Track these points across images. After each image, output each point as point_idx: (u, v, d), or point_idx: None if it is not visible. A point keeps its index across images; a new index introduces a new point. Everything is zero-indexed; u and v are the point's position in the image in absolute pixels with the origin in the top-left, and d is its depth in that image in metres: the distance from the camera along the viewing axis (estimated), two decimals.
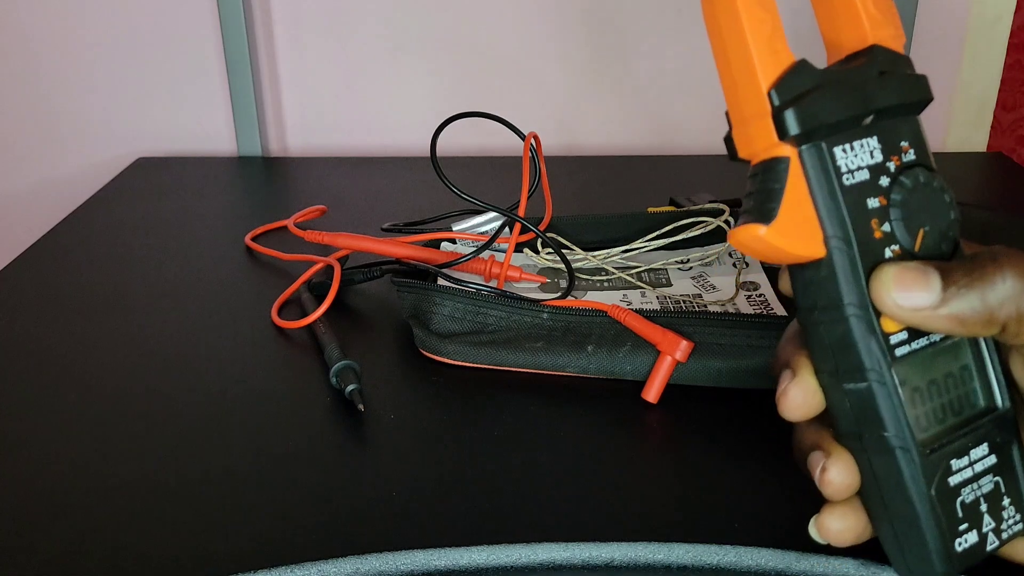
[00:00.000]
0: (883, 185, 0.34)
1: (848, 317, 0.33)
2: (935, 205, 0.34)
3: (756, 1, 0.31)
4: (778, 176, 0.32)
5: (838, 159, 0.33)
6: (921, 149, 0.35)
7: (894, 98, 0.33)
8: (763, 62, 0.32)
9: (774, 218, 0.32)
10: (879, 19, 0.34)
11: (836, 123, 0.32)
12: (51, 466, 0.51)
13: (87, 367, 0.61)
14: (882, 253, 0.34)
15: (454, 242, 0.72)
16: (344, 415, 0.55)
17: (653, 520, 0.46)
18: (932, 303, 0.32)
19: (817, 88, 0.32)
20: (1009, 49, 1.02)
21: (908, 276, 0.33)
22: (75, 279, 0.75)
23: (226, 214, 0.89)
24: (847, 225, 0.33)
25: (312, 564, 0.43)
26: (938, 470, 0.34)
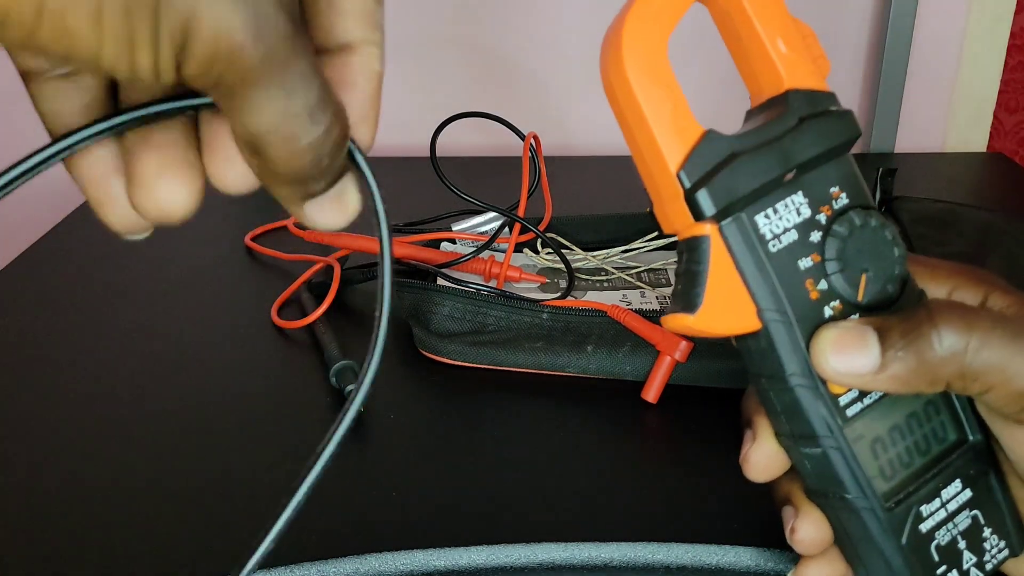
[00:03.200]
0: (814, 241, 0.32)
1: (793, 387, 0.32)
2: (875, 246, 0.32)
3: (653, 80, 0.30)
4: (700, 256, 0.31)
5: (761, 227, 0.31)
6: (854, 189, 0.33)
7: (815, 148, 0.32)
8: (668, 144, 0.30)
9: (699, 305, 0.31)
10: (792, 59, 0.32)
11: (754, 191, 0.31)
12: (50, 466, 0.51)
13: (87, 367, 0.61)
14: (821, 314, 0.32)
15: (454, 242, 0.72)
16: None
17: (652, 520, 0.46)
18: (872, 368, 0.31)
19: (729, 160, 0.31)
20: (1011, 50, 1.02)
21: (846, 341, 0.31)
22: (75, 279, 0.75)
23: (226, 214, 0.89)
24: (779, 295, 0.31)
25: (311, 564, 0.43)
26: (907, 520, 0.33)
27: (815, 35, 0.33)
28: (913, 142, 1.07)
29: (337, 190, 0.26)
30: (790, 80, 0.32)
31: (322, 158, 0.24)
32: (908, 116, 1.05)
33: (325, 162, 0.24)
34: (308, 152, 0.24)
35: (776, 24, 0.32)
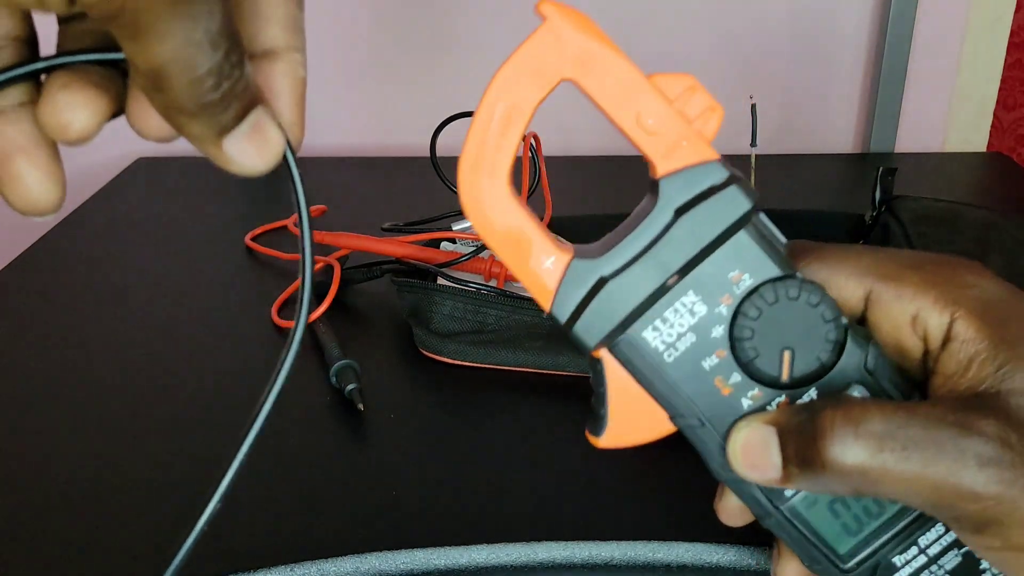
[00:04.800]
0: (717, 336, 0.30)
1: (724, 479, 0.32)
2: (797, 318, 0.30)
3: (502, 227, 0.29)
4: (599, 378, 0.31)
5: (651, 342, 0.30)
6: (759, 264, 0.30)
7: (694, 245, 0.29)
8: (534, 283, 0.30)
9: (606, 426, 0.31)
10: (660, 137, 0.29)
11: (632, 312, 0.30)
12: (49, 465, 0.51)
13: (86, 366, 0.61)
14: (739, 406, 0.31)
15: (454, 242, 0.72)
16: (344, 414, 0.55)
17: (653, 519, 0.46)
18: (777, 478, 0.30)
19: (597, 287, 0.29)
20: (1009, 48, 1.02)
21: (751, 448, 0.30)
22: (75, 279, 0.75)
23: (226, 214, 0.89)
24: (686, 401, 0.30)
25: (312, 563, 0.43)
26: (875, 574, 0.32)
27: (695, 84, 0.30)
28: (913, 142, 1.07)
29: (251, 123, 0.25)
30: (662, 164, 0.30)
31: (222, 82, 0.24)
32: (908, 115, 1.04)
33: (226, 86, 0.24)
34: (208, 78, 0.23)
35: (630, 101, 0.29)
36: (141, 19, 0.22)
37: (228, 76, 0.24)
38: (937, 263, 0.31)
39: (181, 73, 0.23)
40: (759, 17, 1.02)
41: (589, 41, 0.29)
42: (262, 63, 0.27)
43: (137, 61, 0.23)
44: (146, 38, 0.22)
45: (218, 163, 0.26)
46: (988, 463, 0.27)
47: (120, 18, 0.22)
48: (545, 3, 0.28)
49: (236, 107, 0.25)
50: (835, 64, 1.04)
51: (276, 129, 0.26)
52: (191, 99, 0.24)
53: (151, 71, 0.23)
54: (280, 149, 0.27)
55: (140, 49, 0.22)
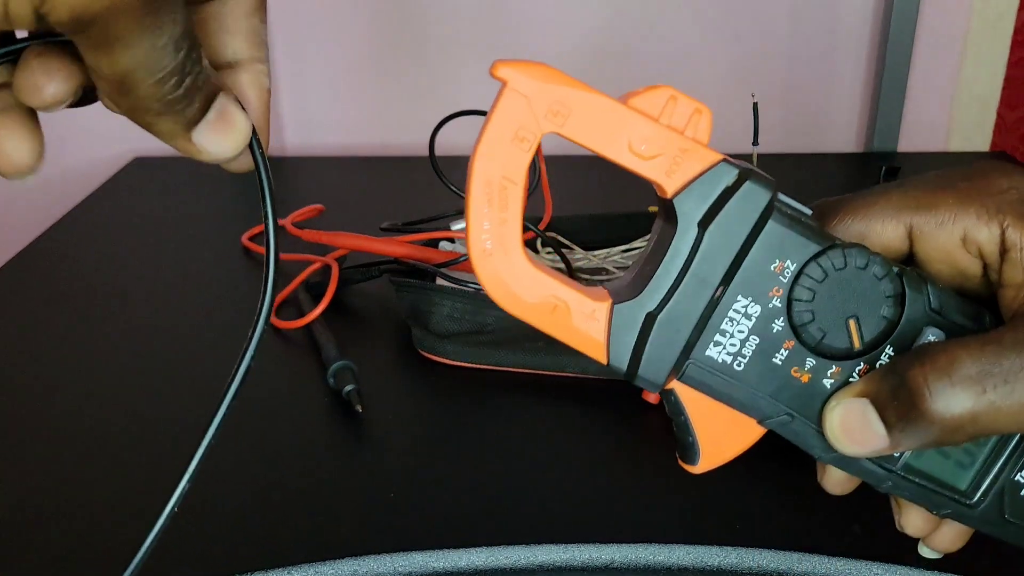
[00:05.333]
0: (780, 330, 0.30)
1: (831, 462, 0.32)
2: (850, 285, 0.30)
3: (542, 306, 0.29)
4: (677, 408, 0.31)
5: (718, 357, 0.30)
6: (797, 246, 0.29)
7: (728, 252, 0.29)
8: (584, 343, 0.29)
9: (699, 451, 0.31)
10: (661, 159, 0.29)
11: (689, 339, 0.29)
12: (47, 466, 0.51)
13: (83, 366, 0.61)
14: (822, 388, 0.30)
15: (453, 241, 0.72)
16: (342, 416, 0.55)
17: (654, 521, 0.46)
18: (887, 445, 0.29)
19: (647, 326, 0.29)
20: (1013, 47, 1.02)
21: (851, 426, 0.30)
22: (71, 279, 0.75)
23: (223, 214, 0.88)
24: (768, 401, 0.30)
25: (309, 566, 0.42)
26: (1003, 497, 0.32)
27: (674, 93, 0.28)
28: (916, 141, 1.06)
29: (216, 111, 0.26)
30: (669, 184, 0.29)
31: (185, 79, 0.24)
32: (911, 114, 1.04)
33: (188, 81, 0.24)
34: (171, 77, 0.24)
35: (616, 133, 0.28)
36: (110, 32, 0.22)
37: (190, 72, 0.24)
38: (968, 176, 0.30)
39: (145, 77, 0.23)
40: (761, 16, 1.02)
41: (555, 89, 0.28)
42: (227, 74, 0.28)
43: (102, 69, 0.23)
44: (112, 49, 0.23)
45: (189, 155, 0.27)
46: None
47: (87, 32, 0.22)
48: (500, 66, 0.27)
49: (199, 99, 0.25)
50: (837, 63, 1.04)
51: (240, 113, 0.27)
52: (156, 99, 0.24)
53: (116, 76, 0.23)
54: (247, 131, 0.27)
55: (106, 59, 0.23)
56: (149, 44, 0.23)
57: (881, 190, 0.31)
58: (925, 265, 0.31)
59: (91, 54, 0.23)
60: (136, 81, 0.23)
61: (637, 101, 0.28)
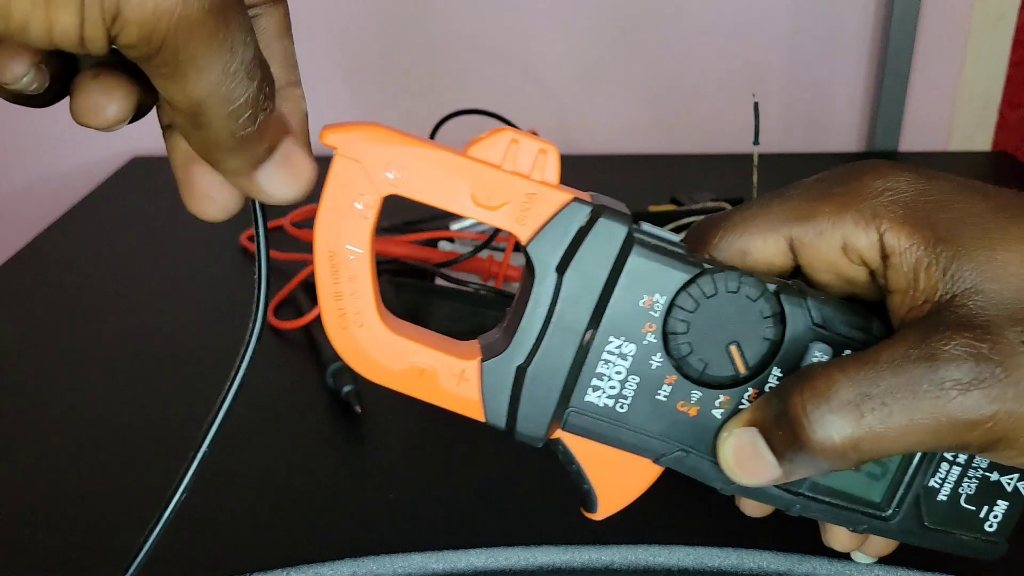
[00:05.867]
0: (659, 365, 0.29)
1: (733, 492, 0.31)
2: (724, 308, 0.28)
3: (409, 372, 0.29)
4: (567, 458, 0.30)
5: (598, 402, 0.29)
6: (664, 276, 0.28)
7: (590, 293, 0.28)
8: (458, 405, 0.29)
9: (596, 498, 0.30)
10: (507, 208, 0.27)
11: (565, 386, 0.28)
12: (46, 465, 0.51)
13: (81, 367, 0.61)
14: (713, 419, 0.29)
15: (452, 241, 0.72)
16: (341, 416, 0.55)
17: (654, 522, 0.46)
18: (781, 475, 0.28)
19: (519, 380, 0.28)
20: (1015, 46, 1.02)
21: (743, 457, 0.28)
22: (69, 279, 0.74)
23: None
24: (658, 441, 0.29)
25: (308, 567, 0.42)
26: (918, 505, 0.31)
27: (515, 135, 0.27)
28: (917, 140, 1.06)
29: (283, 154, 0.25)
30: (522, 231, 0.27)
31: (259, 114, 0.23)
32: (912, 114, 1.04)
33: (262, 117, 0.24)
34: (245, 108, 0.23)
35: (458, 187, 0.27)
36: (180, 54, 0.21)
37: (264, 107, 0.23)
38: (843, 181, 0.29)
39: (219, 105, 0.22)
40: (762, 15, 1.02)
41: (388, 149, 0.27)
42: None
43: (176, 99, 0.22)
44: (185, 73, 0.21)
45: (249, 194, 0.26)
46: (970, 386, 0.25)
47: (159, 56, 0.21)
48: (327, 133, 0.27)
49: (269, 138, 0.25)
50: (838, 62, 1.04)
51: (307, 158, 0.26)
52: (230, 133, 0.23)
53: (190, 106, 0.22)
54: (312, 178, 0.26)
55: (179, 86, 0.22)
56: (221, 67, 0.22)
57: (760, 203, 0.30)
58: (811, 276, 0.30)
59: (164, 83, 0.22)
60: (209, 110, 0.22)
61: (476, 150, 0.27)
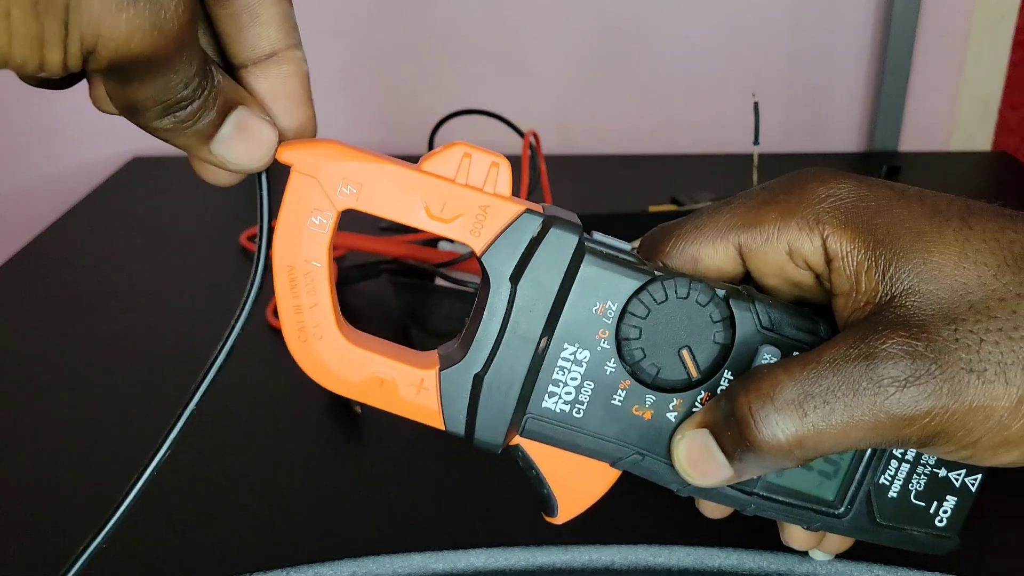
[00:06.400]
0: (613, 371, 0.29)
1: (689, 494, 0.31)
2: (675, 314, 0.29)
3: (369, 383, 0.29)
4: (527, 463, 0.31)
5: (555, 408, 0.29)
6: (614, 285, 0.29)
7: (542, 302, 0.28)
8: (417, 414, 0.30)
9: (556, 503, 0.31)
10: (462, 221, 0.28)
11: (522, 393, 0.29)
12: (45, 465, 0.51)
13: (81, 367, 0.61)
14: (667, 422, 0.30)
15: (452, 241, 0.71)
16: (340, 416, 0.55)
17: (654, 522, 0.46)
18: (731, 476, 0.29)
19: (476, 388, 0.29)
20: (1015, 46, 1.02)
21: (695, 458, 0.29)
22: (69, 279, 0.74)
23: (221, 213, 0.88)
24: (615, 445, 0.30)
25: (308, 567, 0.42)
26: (870, 502, 0.32)
27: (467, 149, 0.28)
28: (917, 140, 1.06)
29: (233, 124, 0.27)
30: (476, 242, 0.28)
31: (192, 103, 0.25)
32: (912, 114, 1.04)
33: (195, 105, 0.25)
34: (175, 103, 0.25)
35: (412, 200, 0.28)
36: (130, 75, 0.24)
37: (196, 98, 0.25)
38: (788, 188, 0.30)
39: (152, 106, 0.25)
40: (762, 15, 1.02)
41: (343, 166, 0.28)
42: (267, 67, 0.28)
43: (114, 95, 0.25)
44: (130, 84, 0.24)
45: (214, 165, 0.27)
46: (907, 383, 0.26)
47: (114, 72, 0.24)
48: (283, 151, 0.28)
49: (210, 116, 0.26)
50: (839, 62, 1.04)
51: (263, 123, 0.27)
52: (160, 118, 0.25)
53: (125, 103, 0.25)
54: (272, 142, 0.27)
55: (120, 91, 0.24)
56: (163, 83, 0.24)
57: (711, 211, 0.31)
58: (760, 281, 0.31)
59: (108, 84, 0.25)
60: (144, 109, 0.25)
61: (430, 164, 0.28)
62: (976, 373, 0.26)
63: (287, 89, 0.28)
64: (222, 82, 0.26)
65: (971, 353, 0.26)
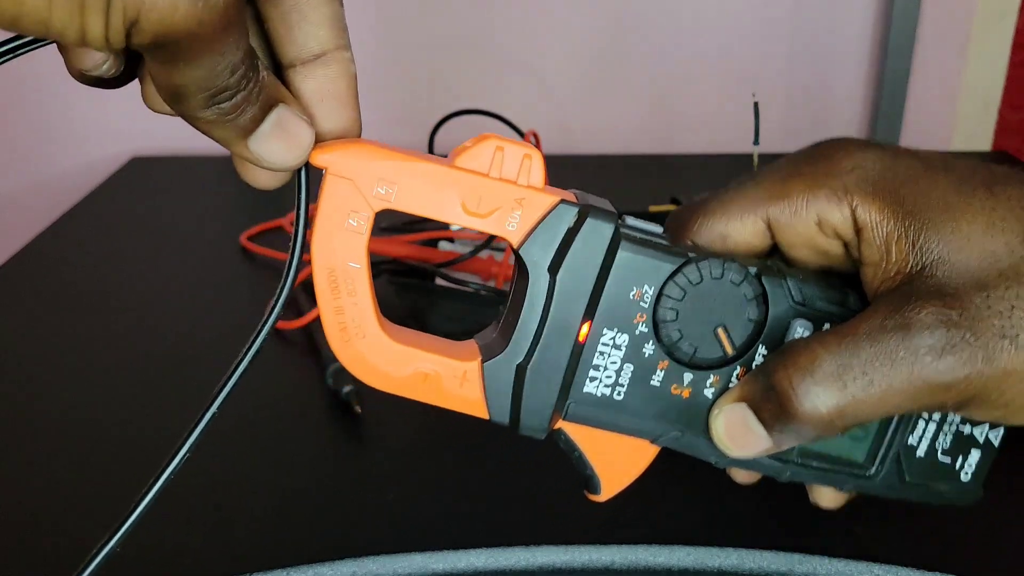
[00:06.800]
0: (652, 353, 0.30)
1: (728, 466, 0.32)
2: (712, 297, 0.30)
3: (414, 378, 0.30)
4: (569, 446, 0.32)
5: (596, 392, 0.30)
6: (650, 268, 0.29)
7: (585, 290, 0.29)
8: (463, 405, 0.30)
9: (599, 481, 0.32)
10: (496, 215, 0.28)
11: (564, 381, 0.30)
12: (44, 467, 0.50)
13: (81, 367, 0.61)
14: (705, 399, 0.31)
15: (452, 241, 0.72)
16: (341, 416, 0.55)
17: (654, 522, 0.46)
18: (771, 446, 0.30)
19: (520, 378, 0.29)
20: (1015, 47, 1.02)
21: (734, 433, 0.30)
22: (69, 279, 0.74)
23: (221, 213, 0.88)
24: (655, 423, 0.31)
25: (308, 567, 0.42)
26: (899, 462, 0.33)
27: (499, 143, 0.28)
28: (918, 140, 1.06)
29: (273, 122, 0.26)
30: (513, 236, 0.29)
31: (236, 95, 0.25)
32: (912, 114, 1.04)
33: (239, 97, 0.25)
34: (220, 92, 0.25)
35: (448, 197, 0.28)
36: (178, 55, 0.23)
37: (243, 88, 0.25)
38: (813, 160, 0.31)
39: (197, 92, 0.24)
40: (762, 15, 1.02)
41: (377, 166, 0.28)
42: (315, 67, 0.28)
43: (159, 80, 0.24)
44: (176, 67, 0.23)
45: (249, 162, 0.27)
46: (943, 352, 0.27)
47: (159, 52, 0.23)
48: (318, 154, 0.28)
49: (252, 111, 0.26)
50: (839, 62, 1.04)
51: (301, 124, 0.27)
52: (205, 109, 0.25)
53: (170, 88, 0.24)
54: (308, 142, 0.27)
55: (166, 74, 0.24)
56: (209, 66, 0.24)
57: (736, 187, 0.32)
58: (788, 252, 0.32)
59: (154, 67, 0.24)
60: (188, 94, 0.24)
61: (463, 160, 0.28)
62: (1009, 339, 0.27)
63: (334, 90, 0.28)
64: (266, 78, 0.26)
65: (1003, 319, 0.27)
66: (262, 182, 0.29)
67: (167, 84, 0.24)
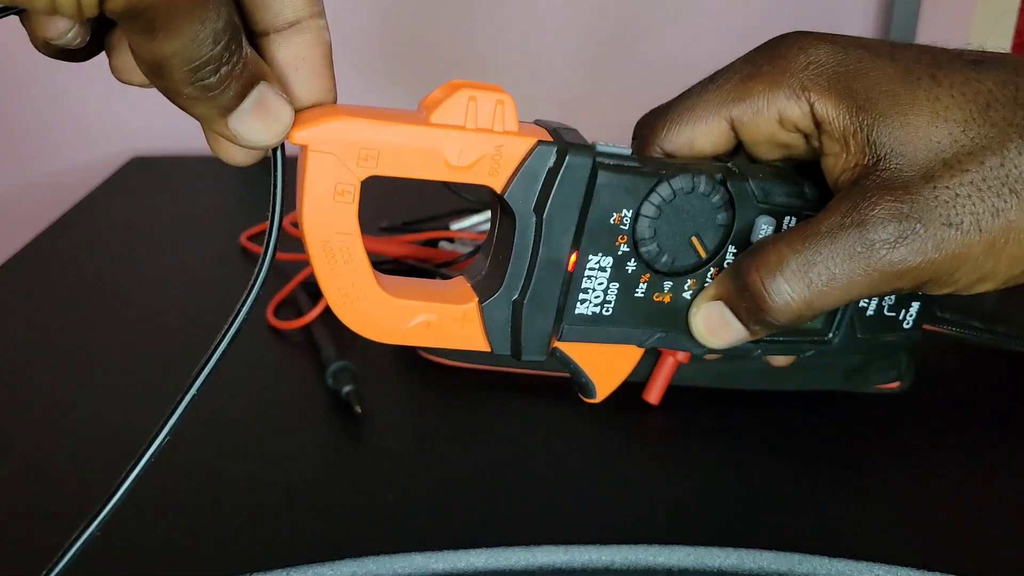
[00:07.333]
0: (634, 268, 0.32)
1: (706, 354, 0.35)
2: (684, 210, 0.32)
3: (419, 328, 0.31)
4: (565, 360, 0.33)
5: (587, 312, 0.32)
6: (626, 191, 0.31)
7: (570, 223, 0.30)
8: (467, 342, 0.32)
9: (594, 386, 0.34)
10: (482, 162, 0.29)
11: (559, 308, 0.32)
12: (46, 465, 0.51)
13: (81, 367, 0.61)
14: (684, 301, 0.33)
15: (452, 241, 0.72)
16: (341, 416, 0.55)
17: (654, 522, 0.46)
18: (748, 336, 0.32)
19: (518, 311, 0.31)
20: (1014, 48, 1.02)
21: (712, 326, 0.33)
22: (69, 279, 0.74)
23: (221, 213, 0.88)
24: (642, 329, 0.33)
25: (308, 567, 0.42)
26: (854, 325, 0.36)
27: (471, 92, 0.28)
28: None
29: (254, 99, 0.26)
30: (495, 182, 0.29)
31: (220, 68, 0.25)
32: None
33: (224, 71, 0.25)
34: (205, 65, 0.24)
35: (429, 155, 0.28)
36: (156, 21, 0.23)
37: (226, 62, 0.25)
38: (769, 58, 0.32)
39: (180, 65, 0.24)
40: (762, 14, 1.02)
41: (356, 137, 0.28)
42: (289, 35, 0.28)
43: (140, 52, 0.24)
44: (155, 35, 0.23)
45: (228, 139, 0.27)
46: (896, 244, 0.29)
47: (137, 19, 0.23)
48: (295, 133, 0.28)
49: (235, 88, 0.26)
50: None
51: (281, 102, 0.27)
52: (188, 84, 0.24)
53: (153, 60, 0.24)
54: (288, 121, 0.27)
55: (147, 45, 0.23)
56: (191, 35, 0.23)
57: (698, 91, 0.33)
58: (752, 149, 0.33)
59: (133, 38, 0.24)
60: (171, 67, 0.24)
61: (439, 115, 0.28)
62: (955, 227, 0.29)
63: (309, 58, 0.28)
64: (249, 54, 0.26)
65: (949, 208, 0.29)
66: (237, 159, 0.29)
67: (148, 57, 0.24)
